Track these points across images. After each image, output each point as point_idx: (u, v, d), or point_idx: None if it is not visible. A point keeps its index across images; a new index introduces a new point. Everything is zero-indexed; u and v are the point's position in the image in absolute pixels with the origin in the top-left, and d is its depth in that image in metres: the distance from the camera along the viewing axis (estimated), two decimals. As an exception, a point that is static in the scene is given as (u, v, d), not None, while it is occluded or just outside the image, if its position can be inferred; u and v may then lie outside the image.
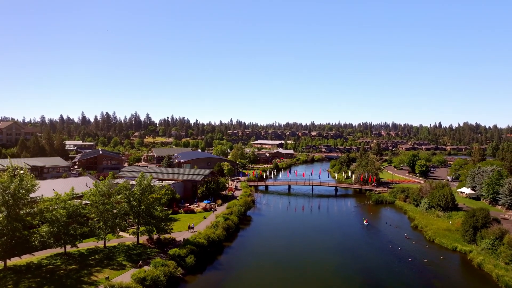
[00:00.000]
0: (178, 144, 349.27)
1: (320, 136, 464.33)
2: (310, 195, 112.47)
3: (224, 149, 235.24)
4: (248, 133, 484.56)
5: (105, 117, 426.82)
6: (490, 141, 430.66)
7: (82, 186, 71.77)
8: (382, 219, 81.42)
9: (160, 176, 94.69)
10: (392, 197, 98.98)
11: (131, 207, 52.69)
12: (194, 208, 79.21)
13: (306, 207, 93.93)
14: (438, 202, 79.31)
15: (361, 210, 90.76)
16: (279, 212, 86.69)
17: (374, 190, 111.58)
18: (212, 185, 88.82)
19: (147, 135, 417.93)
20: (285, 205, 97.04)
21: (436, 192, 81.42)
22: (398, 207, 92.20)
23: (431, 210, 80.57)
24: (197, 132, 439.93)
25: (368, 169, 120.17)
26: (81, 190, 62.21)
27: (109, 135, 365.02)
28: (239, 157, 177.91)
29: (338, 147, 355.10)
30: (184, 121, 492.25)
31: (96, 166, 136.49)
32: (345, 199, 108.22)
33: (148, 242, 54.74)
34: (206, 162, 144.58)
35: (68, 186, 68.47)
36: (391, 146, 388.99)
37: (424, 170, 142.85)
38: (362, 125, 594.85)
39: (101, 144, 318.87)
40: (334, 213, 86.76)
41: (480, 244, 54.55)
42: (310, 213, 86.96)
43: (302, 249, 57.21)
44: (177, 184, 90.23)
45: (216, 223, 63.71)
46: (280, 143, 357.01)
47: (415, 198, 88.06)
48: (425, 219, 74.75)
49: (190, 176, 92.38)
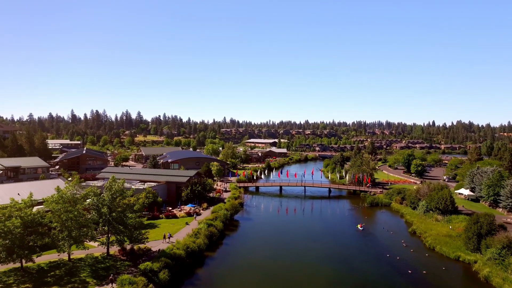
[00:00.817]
0: (169, 143, 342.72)
1: (314, 135, 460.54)
2: (302, 197, 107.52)
3: (216, 148, 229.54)
4: (242, 131, 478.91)
5: (95, 115, 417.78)
6: (484, 140, 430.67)
7: (52, 189, 65.69)
8: (377, 223, 76.62)
9: (142, 177, 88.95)
10: (387, 199, 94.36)
11: (100, 214, 47.07)
12: (177, 213, 73.60)
13: (298, 210, 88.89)
14: (437, 205, 74.74)
15: (356, 213, 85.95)
16: (269, 216, 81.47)
17: (369, 191, 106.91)
18: (197, 187, 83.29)
19: (138, 133, 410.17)
20: (276, 207, 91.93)
21: (434, 195, 76.85)
22: (394, 209, 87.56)
23: (429, 214, 76.01)
24: (189, 130, 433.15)
25: (363, 169, 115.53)
26: (50, 194, 56.30)
27: (99, 133, 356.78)
28: (230, 157, 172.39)
29: (332, 146, 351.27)
30: (177, 120, 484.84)
31: (78, 166, 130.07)
32: (338, 201, 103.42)
33: (120, 253, 49.10)
34: (195, 162, 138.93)
35: (37, 189, 62.80)
36: (385, 145, 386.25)
37: (420, 170, 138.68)
38: (356, 123, 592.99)
39: (90, 143, 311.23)
40: (327, 217, 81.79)
41: (485, 253, 49.84)
42: (302, 217, 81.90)
43: (291, 260, 51.99)
44: (160, 186, 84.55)
45: (198, 230, 58.23)
46: (274, 142, 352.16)
47: (412, 200, 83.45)
48: (424, 223, 70.09)
49: (174, 177, 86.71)
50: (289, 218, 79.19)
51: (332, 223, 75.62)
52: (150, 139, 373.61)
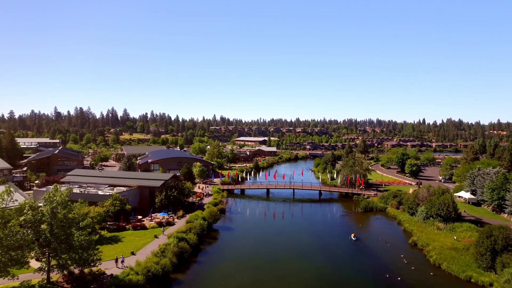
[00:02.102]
0: (156, 141, 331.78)
1: (305, 133, 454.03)
2: (291, 200, 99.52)
3: (203, 147, 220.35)
4: (231, 129, 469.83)
5: (79, 112, 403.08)
6: (474, 138, 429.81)
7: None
8: (373, 232, 68.85)
9: (112, 181, 79.67)
10: (383, 203, 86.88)
11: (37, 233, 38.09)
12: (147, 223, 64.57)
13: (286, 217, 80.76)
14: (438, 211, 67.41)
15: (348, 220, 78.11)
16: (253, 224, 73.07)
17: (362, 194, 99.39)
18: (173, 192, 74.44)
19: (124, 131, 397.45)
20: (262, 213, 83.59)
21: (435, 200, 69.48)
22: (390, 215, 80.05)
23: (430, 221, 68.67)
24: (177, 128, 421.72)
25: (355, 170, 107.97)
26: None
27: (82, 131, 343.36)
28: (216, 156, 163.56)
29: (323, 144, 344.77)
30: (165, 117, 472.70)
31: (49, 167, 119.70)
32: (329, 205, 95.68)
33: (65, 280, 40.16)
34: (177, 163, 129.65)
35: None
36: (377, 143, 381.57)
37: (414, 170, 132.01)
38: (347, 121, 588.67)
39: (72, 141, 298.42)
40: (317, 225, 73.73)
41: (502, 274, 42.36)
42: (290, 225, 73.68)
43: (274, 285, 43.73)
44: (131, 191, 75.46)
45: (166, 246, 49.53)
46: (263, 140, 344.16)
47: (410, 205, 76.02)
48: (424, 232, 62.62)
49: (147, 181, 77.60)
50: (275, 228, 70.79)
51: (322, 233, 67.59)
52: (136, 137, 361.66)
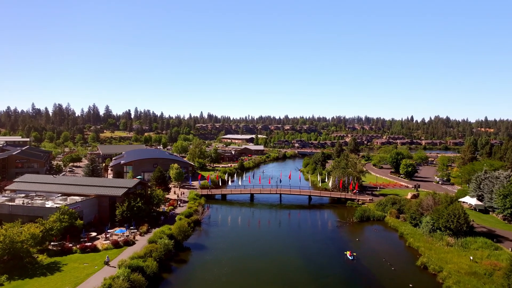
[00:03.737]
0: (138, 139, 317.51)
1: (294, 130, 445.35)
2: (278, 206, 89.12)
3: (186, 145, 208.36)
4: (218, 127, 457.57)
5: (57, 109, 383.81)
6: (463, 135, 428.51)
7: None
8: (372, 249, 58.71)
9: (67, 189, 67.56)
10: (380, 211, 77.13)
11: None
12: (100, 243, 52.84)
13: (271, 229, 70.15)
14: (447, 223, 57.82)
15: (342, 232, 67.92)
16: (232, 240, 62.11)
17: (356, 199, 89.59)
18: (137, 202, 62.88)
19: (106, 129, 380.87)
20: (243, 226, 72.69)
21: (443, 209, 59.89)
22: (390, 226, 70.22)
23: (437, 234, 59.09)
24: (162, 126, 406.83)
25: (348, 172, 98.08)
26: None
27: (60, 129, 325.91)
28: (197, 156, 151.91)
29: (312, 142, 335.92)
30: (149, 114, 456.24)
31: (5, 171, 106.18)
32: (320, 212, 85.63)
33: None
34: (152, 164, 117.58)
35: None
36: (366, 141, 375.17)
37: (410, 171, 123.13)
38: (336, 118, 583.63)
39: (48, 139, 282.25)
40: (307, 240, 63.18)
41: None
42: (275, 241, 62.95)
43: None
44: (88, 202, 63.54)
45: (113, 281, 38.13)
46: (251, 138, 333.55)
47: (414, 215, 66.30)
48: (433, 250, 52.94)
49: (108, 189, 65.67)
50: (257, 247, 59.67)
51: (313, 252, 57.09)
52: (118, 135, 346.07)
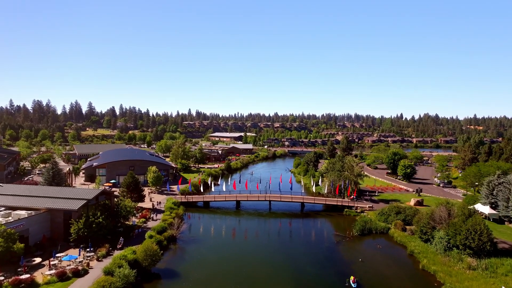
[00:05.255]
0: (121, 138, 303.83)
1: (283, 128, 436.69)
2: (267, 215, 79.31)
3: (170, 144, 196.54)
4: (206, 124, 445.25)
5: (37, 106, 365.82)
6: (453, 133, 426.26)
7: None
8: (379, 273, 48.96)
9: (13, 201, 56.08)
10: (383, 222, 67.84)
11: None
12: (43, 273, 41.74)
13: (258, 246, 60.14)
14: (466, 241, 48.76)
15: (342, 249, 58.21)
16: (213, 262, 51.85)
17: (355, 206, 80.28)
18: (97, 217, 52.01)
19: (89, 127, 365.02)
20: (226, 241, 62.40)
21: (460, 224, 50.83)
22: (396, 240, 60.84)
23: (453, 253, 50.05)
24: (147, 123, 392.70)
25: (345, 175, 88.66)
26: None
27: (39, 127, 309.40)
28: (180, 157, 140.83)
29: (302, 140, 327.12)
30: (135, 111, 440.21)
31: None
32: (314, 222, 76.11)
33: None
34: (129, 166, 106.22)
35: None
36: (357, 139, 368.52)
37: (409, 173, 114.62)
38: (326, 116, 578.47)
39: (24, 138, 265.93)
40: (301, 260, 53.18)
41: None
42: (263, 263, 52.91)
43: None
44: (37, 217, 52.31)
45: None
46: (239, 136, 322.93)
47: (424, 229, 57.09)
48: (454, 275, 43.78)
49: (62, 201, 54.42)
50: (242, 273, 49.64)
51: (309, 275, 47.26)
52: (100, 133, 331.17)
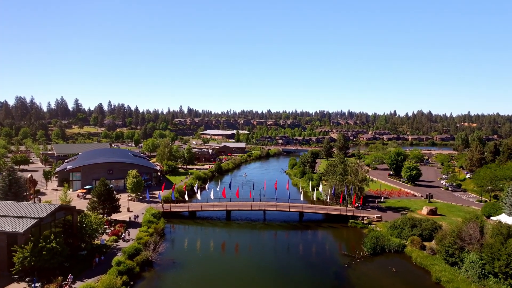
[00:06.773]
0: (108, 136, 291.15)
1: (277, 125, 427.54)
2: (260, 226, 69.51)
3: (158, 143, 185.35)
4: (198, 121, 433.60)
5: (19, 102, 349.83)
6: (447, 130, 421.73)
7: None
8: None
9: None
10: (396, 237, 58.48)
11: None
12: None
13: (249, 268, 50.21)
14: (509, 268, 39.53)
15: (352, 275, 48.52)
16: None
17: (361, 217, 70.81)
18: (49, 241, 41.46)
19: (75, 124, 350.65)
20: (213, 262, 52.31)
21: (499, 247, 41.55)
22: (415, 262, 51.38)
23: (490, 281, 40.85)
24: (136, 121, 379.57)
25: (348, 180, 79.18)
26: None
27: (21, 124, 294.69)
28: (167, 158, 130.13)
29: (296, 138, 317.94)
30: (123, 108, 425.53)
31: None
32: (315, 236, 66.51)
33: None
34: (107, 169, 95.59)
35: None
36: (352, 136, 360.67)
37: (414, 175, 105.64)
38: (319, 113, 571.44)
39: (4, 136, 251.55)
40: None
41: None
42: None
43: None
44: (-28, 241, 41.56)
45: None
46: (232, 134, 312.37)
47: (449, 250, 47.75)
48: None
49: (6, 221, 43.71)
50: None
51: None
52: (86, 131, 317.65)
